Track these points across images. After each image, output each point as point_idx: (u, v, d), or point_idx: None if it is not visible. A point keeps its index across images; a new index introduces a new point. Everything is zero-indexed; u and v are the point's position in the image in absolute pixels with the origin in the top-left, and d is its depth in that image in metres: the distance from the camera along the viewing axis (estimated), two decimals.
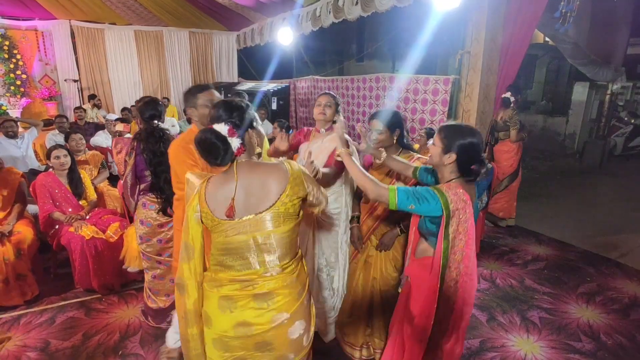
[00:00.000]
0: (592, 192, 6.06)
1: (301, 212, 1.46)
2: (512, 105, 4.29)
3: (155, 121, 2.47)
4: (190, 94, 2.04)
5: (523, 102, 10.48)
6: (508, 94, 4.28)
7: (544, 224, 4.63)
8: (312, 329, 1.51)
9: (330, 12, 5.64)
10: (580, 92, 8.76)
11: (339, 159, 1.78)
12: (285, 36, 6.62)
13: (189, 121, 5.91)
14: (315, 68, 8.35)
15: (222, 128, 1.33)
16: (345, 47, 10.28)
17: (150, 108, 2.49)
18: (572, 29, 3.63)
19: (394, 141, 2.11)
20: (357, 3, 5.15)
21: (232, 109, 1.40)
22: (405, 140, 2.15)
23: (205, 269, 1.46)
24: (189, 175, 1.50)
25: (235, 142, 1.34)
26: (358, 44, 10.22)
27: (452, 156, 1.58)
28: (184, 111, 2.41)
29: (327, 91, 2.41)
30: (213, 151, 1.33)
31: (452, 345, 1.72)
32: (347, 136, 2.00)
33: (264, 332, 1.37)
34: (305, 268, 1.53)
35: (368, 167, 2.23)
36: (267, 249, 1.37)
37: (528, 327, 2.73)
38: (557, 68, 10.72)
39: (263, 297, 1.36)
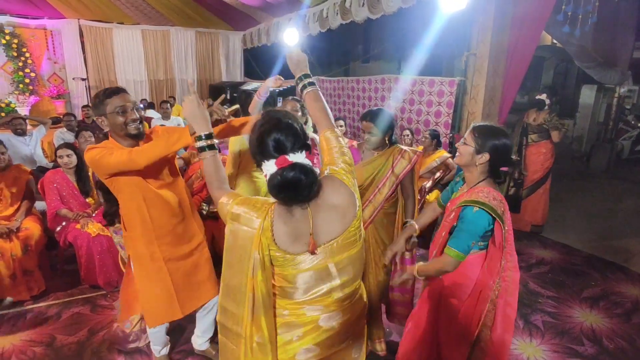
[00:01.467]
0: (599, 196, 6.02)
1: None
2: (546, 107, 4.22)
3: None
4: (98, 101, 1.75)
5: (530, 105, 10.44)
6: (543, 96, 4.21)
7: (549, 228, 4.61)
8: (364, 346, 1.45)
9: (337, 13, 5.65)
10: (587, 95, 8.70)
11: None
12: (291, 36, 6.64)
13: None
14: (321, 68, 8.36)
15: (300, 157, 1.10)
16: (351, 48, 10.28)
17: None
18: (578, 31, 3.61)
19: (386, 141, 2.19)
20: (363, 4, 5.15)
21: (293, 128, 1.14)
22: (393, 137, 2.23)
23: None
24: (237, 209, 1.16)
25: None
26: (364, 45, 10.22)
27: (486, 156, 1.58)
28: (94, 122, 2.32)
29: (294, 97, 2.41)
30: (300, 189, 1.09)
31: (501, 333, 1.67)
32: (314, 135, 2.07)
33: (331, 354, 1.27)
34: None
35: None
36: (343, 272, 1.22)
37: (531, 330, 2.73)
38: (565, 70, 10.64)
39: (333, 318, 1.24)
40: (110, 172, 1.72)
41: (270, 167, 1.10)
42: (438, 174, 3.93)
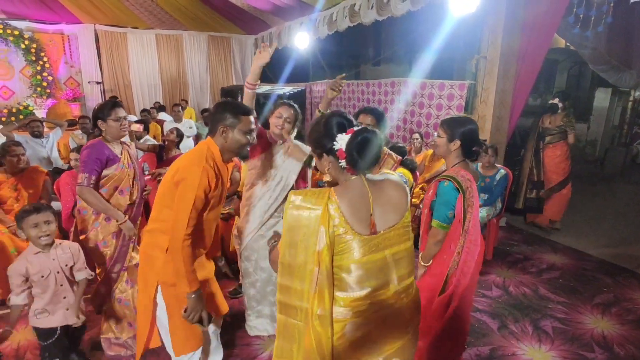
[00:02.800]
0: (612, 200, 5.92)
1: None
2: (560, 110, 4.42)
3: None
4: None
5: (543, 108, 10.30)
6: (556, 100, 4.43)
7: (561, 232, 4.55)
8: None
9: (346, 16, 5.69)
10: (602, 98, 8.56)
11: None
12: (302, 40, 6.70)
13: (207, 123, 6.03)
14: (331, 72, 8.39)
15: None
16: (361, 51, 10.30)
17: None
18: (590, 34, 3.58)
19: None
20: (372, 7, 5.18)
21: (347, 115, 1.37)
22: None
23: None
24: (296, 197, 1.27)
25: None
26: (375, 48, 10.23)
27: (457, 142, 1.88)
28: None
29: (289, 102, 2.38)
30: (373, 146, 1.24)
31: (458, 301, 1.83)
32: (298, 142, 2.24)
33: (392, 350, 1.32)
34: None
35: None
36: (399, 265, 1.31)
37: (540, 336, 2.70)
38: (579, 73, 10.47)
39: (395, 315, 1.31)
40: (171, 204, 1.71)
41: (342, 139, 1.25)
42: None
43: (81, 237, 2.35)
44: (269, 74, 9.51)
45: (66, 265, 2.03)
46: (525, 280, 3.46)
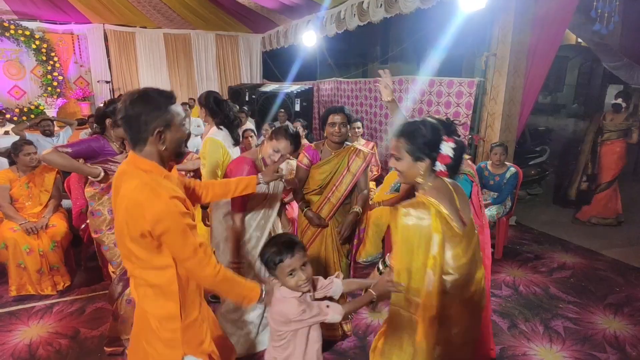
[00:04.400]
0: (624, 199, 5.82)
1: None
2: (622, 110, 4.59)
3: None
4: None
5: (553, 106, 10.14)
6: (619, 100, 4.62)
7: (572, 231, 4.49)
8: None
9: (355, 14, 5.66)
10: (614, 95, 8.42)
11: None
12: (309, 38, 6.69)
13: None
14: (338, 70, 8.37)
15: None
16: (369, 49, 10.25)
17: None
18: (605, 30, 3.52)
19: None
20: (381, 5, 5.15)
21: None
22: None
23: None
24: (406, 211, 1.39)
25: None
26: (382, 46, 10.17)
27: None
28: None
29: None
30: (464, 153, 1.48)
31: None
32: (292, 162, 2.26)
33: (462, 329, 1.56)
34: None
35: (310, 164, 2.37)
36: (479, 252, 1.53)
37: (551, 336, 2.66)
38: (590, 70, 10.33)
39: (479, 296, 1.55)
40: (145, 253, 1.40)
41: (447, 145, 1.41)
42: None
43: (94, 236, 2.35)
44: (276, 72, 9.53)
45: None
46: (536, 280, 3.42)
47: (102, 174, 2.22)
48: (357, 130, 4.51)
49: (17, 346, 2.48)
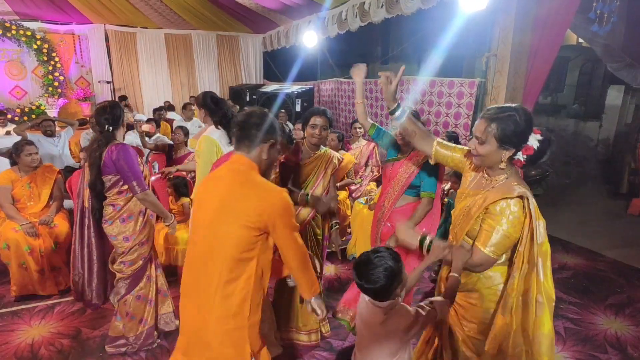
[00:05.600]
0: (626, 200, 5.83)
1: None
2: None
3: (106, 126, 2.25)
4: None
5: (553, 106, 10.13)
6: None
7: (573, 232, 4.49)
8: None
9: (356, 15, 5.67)
10: (614, 96, 8.40)
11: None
12: (310, 39, 6.69)
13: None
14: (339, 70, 8.38)
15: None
16: (370, 49, 10.25)
17: (100, 114, 2.27)
18: (605, 29, 3.52)
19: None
20: (382, 6, 5.16)
21: None
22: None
23: None
24: (507, 204, 1.40)
25: None
26: (383, 46, 10.17)
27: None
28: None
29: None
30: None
31: None
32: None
33: None
34: None
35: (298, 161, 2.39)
36: None
37: None
38: (591, 71, 10.33)
39: None
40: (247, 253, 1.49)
41: (534, 137, 1.42)
42: (448, 186, 3.60)
43: (126, 244, 2.32)
44: (277, 72, 9.53)
45: None
46: None
47: (173, 220, 2.48)
48: (358, 130, 4.51)
49: (20, 346, 2.49)
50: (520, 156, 1.42)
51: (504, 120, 1.38)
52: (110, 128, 2.25)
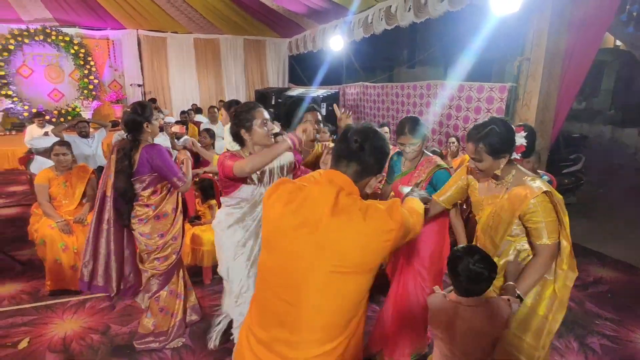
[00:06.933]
0: None
1: None
2: None
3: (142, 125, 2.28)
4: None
5: (588, 112, 9.77)
6: None
7: (609, 244, 4.28)
8: None
9: (382, 18, 5.64)
10: None
11: None
12: (336, 43, 6.70)
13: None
14: (365, 74, 8.35)
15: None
16: (396, 53, 10.19)
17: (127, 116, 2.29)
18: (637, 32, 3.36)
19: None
20: (409, 9, 5.11)
21: None
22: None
23: None
24: (546, 198, 1.57)
25: None
26: (409, 50, 10.09)
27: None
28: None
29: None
30: None
31: None
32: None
33: None
34: None
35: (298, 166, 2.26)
36: None
37: (587, 353, 2.54)
38: (629, 75, 9.89)
39: None
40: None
41: (520, 136, 1.60)
42: None
43: (160, 241, 2.37)
44: (302, 76, 9.59)
45: None
46: (571, 294, 3.27)
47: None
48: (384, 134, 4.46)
49: (53, 339, 2.58)
50: (516, 155, 1.59)
51: (487, 136, 1.53)
52: (141, 128, 2.28)
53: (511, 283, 1.65)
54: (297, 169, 2.23)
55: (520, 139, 1.56)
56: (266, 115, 1.95)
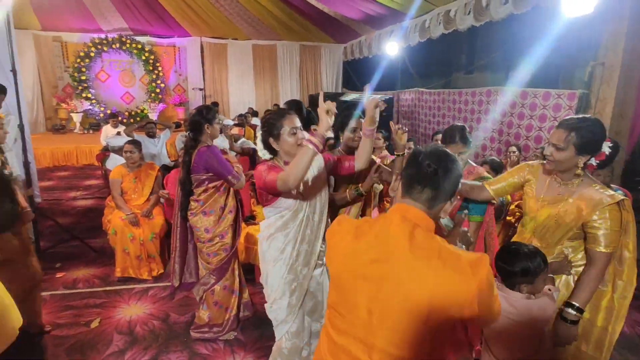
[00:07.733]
0: None
1: None
2: None
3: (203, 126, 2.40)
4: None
5: None
6: None
7: None
8: None
9: (440, 22, 5.53)
10: None
11: None
12: (392, 48, 6.66)
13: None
14: (420, 80, 8.20)
15: None
16: (453, 58, 9.88)
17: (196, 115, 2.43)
18: None
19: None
20: (469, 12, 4.96)
21: None
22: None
23: None
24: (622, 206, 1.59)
25: None
26: (468, 55, 9.73)
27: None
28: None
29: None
30: None
31: None
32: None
33: None
34: None
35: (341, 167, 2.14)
36: None
37: None
38: None
39: None
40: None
41: (606, 145, 1.56)
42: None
43: (207, 235, 2.49)
44: (356, 81, 9.62)
45: None
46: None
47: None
48: (438, 141, 4.37)
49: (120, 321, 2.80)
50: (593, 161, 1.56)
51: (583, 129, 1.51)
52: (202, 129, 2.40)
53: (464, 229, 1.46)
54: (338, 163, 2.12)
55: (605, 147, 1.54)
56: (297, 123, 1.85)
